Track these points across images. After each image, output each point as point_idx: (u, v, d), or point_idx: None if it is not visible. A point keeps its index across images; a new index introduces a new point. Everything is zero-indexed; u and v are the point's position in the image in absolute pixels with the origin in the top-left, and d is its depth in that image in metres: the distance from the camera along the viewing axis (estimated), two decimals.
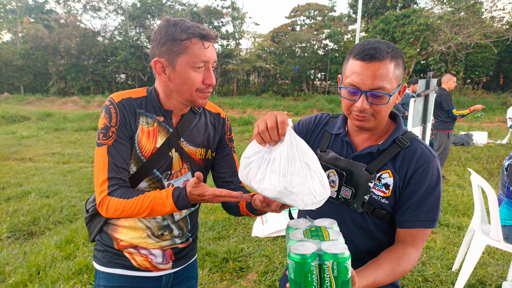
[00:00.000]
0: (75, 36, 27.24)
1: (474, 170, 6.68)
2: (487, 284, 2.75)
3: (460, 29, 18.17)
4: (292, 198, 0.93)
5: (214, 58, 1.21)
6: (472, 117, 5.99)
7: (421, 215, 1.10)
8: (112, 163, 1.16)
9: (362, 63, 1.04)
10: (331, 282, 0.85)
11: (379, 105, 1.07)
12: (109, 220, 1.30)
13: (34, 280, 2.94)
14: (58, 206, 5.25)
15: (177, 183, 1.28)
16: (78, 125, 14.12)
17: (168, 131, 1.26)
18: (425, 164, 1.11)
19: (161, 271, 1.34)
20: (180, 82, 1.18)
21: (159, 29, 1.18)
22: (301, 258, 0.84)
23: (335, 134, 1.25)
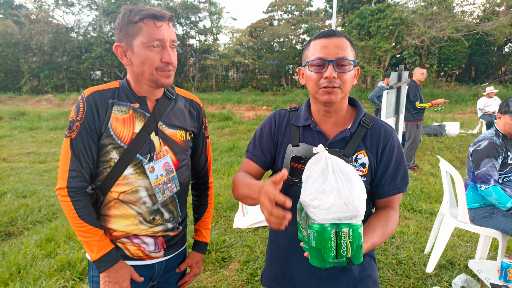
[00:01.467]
0: (48, 33, 26.43)
1: (446, 159, 6.95)
2: (456, 264, 2.92)
3: (433, 23, 18.65)
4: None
5: (170, 37, 1.25)
6: (437, 110, 6.23)
7: (397, 183, 1.26)
8: (73, 155, 1.25)
9: (324, 39, 1.18)
10: (347, 247, 0.97)
11: (345, 73, 1.17)
12: (101, 211, 1.35)
13: (15, 279, 2.92)
14: (36, 206, 5.17)
15: (157, 165, 1.33)
16: (54, 123, 13.80)
17: (145, 116, 1.32)
18: (390, 139, 1.26)
19: (154, 259, 1.40)
20: (140, 63, 1.24)
21: (119, 16, 1.26)
22: (321, 227, 0.96)
23: (303, 126, 1.29)
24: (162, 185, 1.35)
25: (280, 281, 1.36)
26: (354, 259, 0.98)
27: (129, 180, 1.30)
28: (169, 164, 1.37)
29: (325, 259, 0.98)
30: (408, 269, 2.84)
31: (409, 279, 2.72)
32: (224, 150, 8.67)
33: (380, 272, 2.80)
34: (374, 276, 1.32)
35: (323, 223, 0.96)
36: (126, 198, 1.32)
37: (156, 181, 1.33)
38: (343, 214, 0.96)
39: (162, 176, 1.34)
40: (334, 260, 0.99)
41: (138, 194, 1.32)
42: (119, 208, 1.33)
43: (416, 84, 5.94)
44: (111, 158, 1.28)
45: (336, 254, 0.98)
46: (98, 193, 1.32)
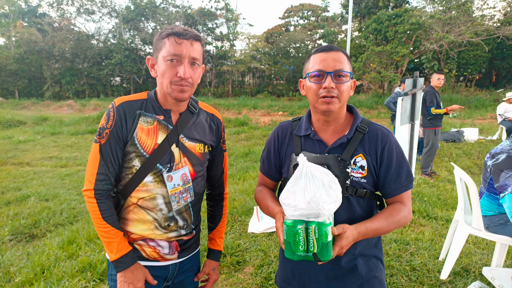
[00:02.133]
0: (69, 40, 27.23)
1: (465, 165, 6.86)
2: (471, 271, 2.90)
3: (451, 28, 18.39)
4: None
5: (190, 54, 1.33)
6: (452, 116, 6.17)
7: (402, 181, 1.32)
8: (101, 159, 1.34)
9: (323, 53, 1.29)
10: (313, 243, 1.11)
11: (342, 84, 1.27)
12: (121, 215, 1.44)
13: (39, 279, 3.05)
14: (58, 209, 5.35)
15: (175, 175, 1.42)
16: (75, 128, 14.18)
17: (168, 128, 1.41)
18: (388, 141, 1.33)
19: (168, 261, 1.48)
20: (160, 75, 1.35)
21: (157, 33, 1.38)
22: (291, 222, 1.12)
23: (304, 136, 1.39)
24: (178, 194, 1.44)
25: (291, 281, 1.44)
26: (320, 255, 1.12)
27: (148, 187, 1.39)
28: (187, 175, 1.45)
29: (294, 251, 1.13)
30: (422, 275, 2.84)
31: (423, 285, 2.72)
32: (240, 155, 8.76)
33: (393, 279, 2.81)
34: (381, 277, 1.38)
35: (292, 219, 1.12)
36: (144, 204, 1.40)
37: (173, 190, 1.42)
38: (307, 212, 1.10)
39: (179, 186, 1.43)
40: (303, 254, 1.13)
41: (156, 201, 1.40)
42: (137, 213, 1.41)
43: (433, 90, 5.90)
44: (133, 165, 1.37)
45: (306, 249, 1.13)
46: (119, 196, 1.41)
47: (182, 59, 1.32)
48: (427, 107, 5.84)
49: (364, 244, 1.36)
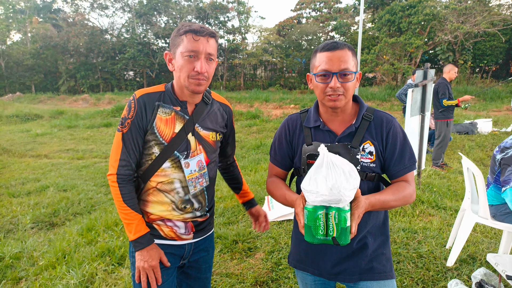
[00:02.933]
0: (83, 35, 27.63)
1: (477, 157, 6.82)
2: (477, 259, 2.95)
3: (467, 18, 18.06)
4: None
5: (206, 50, 1.42)
6: (464, 106, 6.11)
7: (405, 163, 1.41)
8: (123, 147, 1.46)
9: (329, 53, 1.34)
10: (333, 227, 1.19)
11: (347, 83, 1.34)
12: (141, 197, 1.55)
13: (61, 263, 3.21)
14: (76, 199, 5.55)
15: (192, 162, 1.54)
16: (90, 122, 14.47)
17: (185, 118, 1.52)
18: (392, 126, 1.42)
19: (184, 240, 1.60)
20: (178, 70, 1.45)
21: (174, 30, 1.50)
22: (312, 208, 1.20)
23: (314, 127, 1.47)
24: (195, 179, 1.55)
25: (304, 261, 1.54)
26: (339, 239, 1.19)
27: (166, 172, 1.50)
28: (202, 162, 1.57)
29: (314, 235, 1.20)
30: (429, 262, 2.91)
31: (429, 271, 2.79)
32: (252, 147, 8.86)
33: (400, 265, 2.89)
34: (388, 254, 1.48)
35: (314, 204, 1.20)
36: (163, 188, 1.51)
37: (190, 175, 1.53)
38: (328, 198, 1.17)
39: (195, 171, 1.55)
40: (322, 238, 1.20)
41: (173, 185, 1.51)
42: (156, 196, 1.53)
43: (446, 81, 5.88)
44: (152, 152, 1.49)
45: (326, 233, 1.20)
46: (139, 180, 1.53)
47: (199, 54, 1.41)
48: (439, 99, 5.83)
49: (373, 223, 1.45)
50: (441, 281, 2.68)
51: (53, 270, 3.10)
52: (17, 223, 4.68)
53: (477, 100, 16.24)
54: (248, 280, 2.79)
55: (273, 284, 2.75)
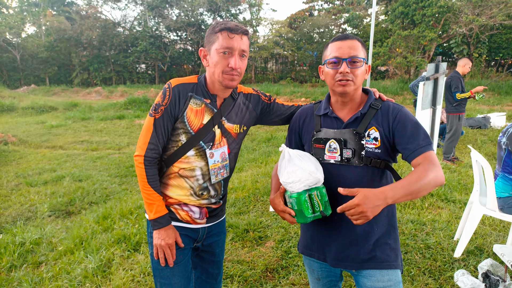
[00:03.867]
0: (96, 28, 27.88)
1: (489, 152, 6.78)
2: (485, 250, 2.99)
3: (482, 10, 17.72)
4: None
5: (240, 47, 1.50)
6: (479, 98, 6.03)
7: (420, 143, 1.37)
8: (154, 131, 1.55)
9: (340, 42, 1.44)
10: (318, 204, 1.42)
11: (357, 68, 1.42)
12: (162, 180, 1.65)
13: (79, 249, 3.35)
14: (91, 189, 5.71)
15: (216, 153, 1.63)
16: (104, 114, 14.70)
17: (213, 111, 1.62)
18: (399, 111, 1.45)
19: (198, 224, 1.69)
20: (213, 65, 1.53)
21: (209, 27, 1.60)
22: (297, 194, 1.41)
23: (323, 115, 1.55)
24: (217, 169, 1.64)
25: (311, 247, 1.62)
26: (325, 211, 1.43)
27: (190, 160, 1.59)
28: (225, 154, 1.66)
29: (306, 215, 1.40)
30: (436, 253, 2.96)
31: (436, 262, 2.84)
32: (262, 140, 8.95)
33: (408, 255, 2.94)
34: (393, 245, 1.51)
35: (299, 191, 1.40)
36: (184, 173, 1.61)
37: (213, 165, 1.62)
38: (309, 181, 1.40)
39: (218, 162, 1.64)
40: (312, 215, 1.41)
41: (194, 172, 1.61)
42: (177, 180, 1.62)
43: (459, 75, 5.85)
44: (179, 139, 1.58)
45: (313, 210, 1.41)
46: (163, 164, 1.62)
47: (233, 51, 1.50)
48: (452, 93, 5.80)
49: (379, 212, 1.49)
50: (448, 271, 2.73)
51: (72, 255, 3.24)
52: (35, 211, 4.86)
53: (491, 94, 16.00)
54: (258, 267, 2.88)
55: (282, 272, 2.83)
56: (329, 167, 1.49)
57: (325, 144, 1.49)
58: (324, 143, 1.49)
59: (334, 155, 1.47)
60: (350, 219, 1.24)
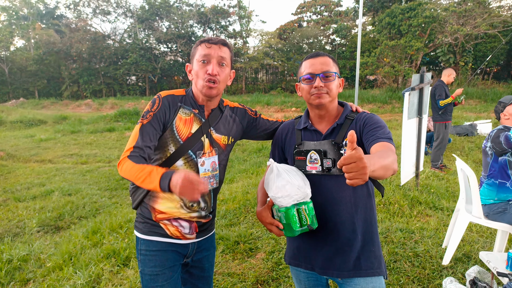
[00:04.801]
0: (86, 40, 27.85)
1: (476, 159, 6.89)
2: (472, 257, 3.03)
3: (467, 20, 18.14)
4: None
5: (218, 54, 1.56)
6: (459, 100, 6.14)
7: (382, 135, 1.43)
8: (140, 137, 1.51)
9: (312, 59, 1.54)
10: (306, 218, 1.45)
11: (330, 82, 1.51)
12: (151, 193, 1.63)
13: (68, 264, 3.31)
14: (81, 203, 5.65)
15: (207, 161, 1.64)
16: (93, 127, 14.60)
17: (201, 120, 1.65)
18: (368, 117, 1.53)
19: (188, 240, 1.68)
20: (194, 76, 1.60)
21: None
22: (285, 209, 1.44)
23: (303, 128, 1.63)
24: (207, 179, 1.65)
25: (297, 257, 1.65)
26: (312, 225, 1.46)
27: (179, 170, 1.54)
28: (216, 163, 1.67)
29: (294, 229, 1.43)
30: (425, 261, 2.98)
31: (425, 270, 2.86)
32: (253, 151, 8.97)
33: (397, 264, 2.97)
34: (376, 252, 1.55)
35: (288, 205, 1.43)
36: None
37: (203, 174, 1.63)
38: (298, 196, 1.44)
39: (209, 171, 1.65)
40: (299, 229, 1.44)
41: None
42: (166, 193, 1.57)
43: (443, 83, 5.97)
44: (168, 149, 1.59)
45: (300, 224, 1.44)
46: None
47: (211, 58, 1.56)
48: (436, 101, 5.91)
49: (362, 220, 1.53)
50: (436, 279, 2.76)
51: (60, 272, 3.19)
52: (23, 227, 4.78)
53: (478, 102, 16.30)
54: (249, 279, 2.88)
55: (273, 283, 2.83)
56: (311, 177, 1.54)
57: (306, 156, 1.54)
58: (305, 155, 1.54)
59: (315, 165, 1.52)
60: (347, 177, 1.06)
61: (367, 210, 1.55)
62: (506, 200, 2.76)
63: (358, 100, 16.91)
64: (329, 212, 1.53)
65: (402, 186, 4.77)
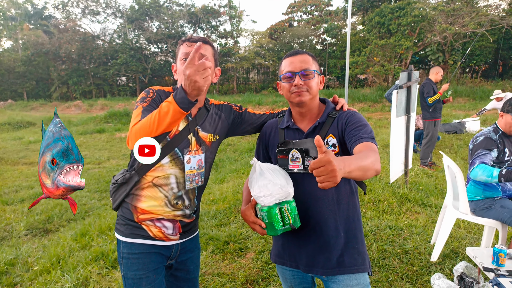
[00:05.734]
0: (75, 41, 27.59)
1: (465, 156, 6.96)
2: (460, 253, 3.06)
3: (455, 19, 18.33)
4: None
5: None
6: (447, 95, 6.22)
7: (364, 134, 1.42)
8: (142, 116, 1.48)
9: (291, 57, 1.54)
10: (288, 217, 1.45)
11: (309, 80, 1.51)
12: (134, 191, 1.60)
13: (56, 268, 3.27)
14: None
15: (193, 159, 1.63)
16: (83, 128, 14.47)
17: (188, 119, 1.63)
18: (350, 115, 1.53)
19: (172, 241, 1.65)
20: (178, 75, 1.59)
21: None
22: (268, 208, 1.45)
23: (286, 127, 1.63)
24: (192, 176, 1.63)
25: (282, 255, 1.65)
26: (294, 224, 1.46)
27: (164, 167, 1.57)
28: (202, 162, 1.66)
29: (276, 228, 1.44)
30: (413, 258, 3.01)
31: (413, 266, 2.88)
32: (244, 150, 8.96)
33: (386, 261, 2.98)
34: (360, 248, 1.56)
35: (270, 205, 1.44)
36: (158, 182, 1.57)
37: (189, 171, 1.61)
38: (280, 195, 1.44)
39: (194, 169, 1.64)
40: (282, 228, 1.45)
41: (169, 180, 1.58)
42: (150, 190, 1.58)
43: (431, 81, 6.01)
44: None
45: (283, 223, 1.45)
46: (135, 174, 1.58)
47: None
48: (425, 98, 5.96)
49: (344, 217, 1.53)
50: (425, 275, 2.78)
51: (48, 275, 3.15)
52: (11, 230, 4.72)
53: (467, 100, 16.49)
54: (239, 279, 2.87)
55: (263, 283, 2.83)
56: (294, 176, 1.54)
57: (288, 155, 1.54)
58: (287, 154, 1.54)
59: (297, 164, 1.51)
60: (318, 181, 1.08)
61: (349, 207, 1.55)
62: (493, 197, 2.79)
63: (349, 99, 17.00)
64: (311, 210, 1.53)
65: (391, 183, 4.80)
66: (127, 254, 1.60)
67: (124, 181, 1.61)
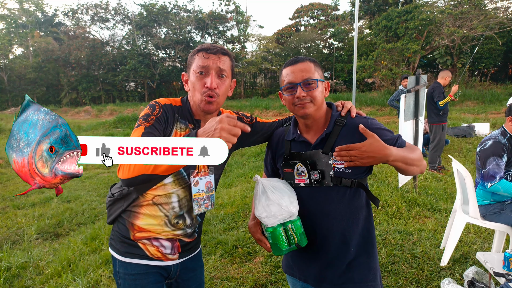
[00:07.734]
0: (85, 47, 27.98)
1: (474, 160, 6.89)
2: (470, 258, 3.04)
3: (463, 22, 18.24)
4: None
5: (217, 65, 1.41)
6: (456, 96, 6.22)
7: (391, 139, 1.39)
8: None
9: (291, 67, 1.43)
10: (293, 236, 1.39)
11: (312, 90, 1.39)
12: (132, 208, 1.47)
13: (67, 271, 3.31)
14: (80, 210, 5.64)
15: (201, 181, 1.50)
16: (92, 133, 14.61)
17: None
18: (373, 127, 1.39)
19: (170, 260, 1.53)
20: (191, 87, 1.45)
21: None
22: (272, 228, 1.40)
23: (292, 140, 1.52)
24: (201, 200, 1.50)
25: (292, 267, 1.61)
26: (300, 243, 1.41)
27: (166, 186, 1.44)
28: (211, 184, 1.53)
29: (281, 248, 1.39)
30: (423, 262, 2.99)
31: (423, 271, 2.87)
32: (252, 155, 8.98)
33: (395, 266, 2.97)
34: (372, 263, 1.48)
35: (273, 225, 1.38)
36: (159, 201, 1.45)
37: (196, 194, 1.48)
38: (283, 216, 1.38)
39: (203, 192, 1.50)
40: (287, 248, 1.40)
41: (170, 199, 1.45)
42: (150, 208, 1.46)
43: (440, 85, 6.00)
44: None
45: (288, 243, 1.40)
46: (133, 191, 1.45)
47: (210, 70, 1.41)
48: (435, 102, 5.94)
49: (355, 232, 1.45)
50: (435, 280, 2.76)
51: (59, 278, 3.19)
52: (22, 234, 4.78)
53: (476, 103, 16.35)
54: (247, 283, 2.88)
55: (271, 287, 2.84)
56: (300, 190, 1.47)
57: (293, 168, 1.47)
58: (292, 167, 1.47)
59: (303, 178, 1.45)
60: (341, 158, 1.26)
61: (360, 221, 1.46)
62: (502, 201, 2.77)
63: (356, 103, 16.96)
64: (318, 225, 1.45)
65: (400, 188, 4.78)
66: (124, 275, 1.50)
67: (120, 197, 1.50)
